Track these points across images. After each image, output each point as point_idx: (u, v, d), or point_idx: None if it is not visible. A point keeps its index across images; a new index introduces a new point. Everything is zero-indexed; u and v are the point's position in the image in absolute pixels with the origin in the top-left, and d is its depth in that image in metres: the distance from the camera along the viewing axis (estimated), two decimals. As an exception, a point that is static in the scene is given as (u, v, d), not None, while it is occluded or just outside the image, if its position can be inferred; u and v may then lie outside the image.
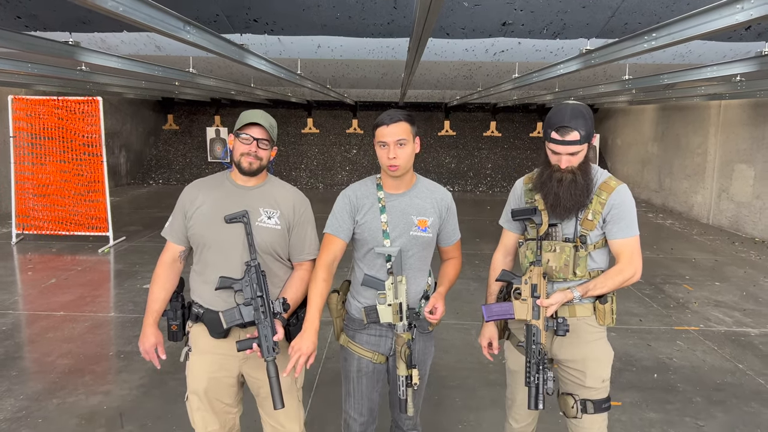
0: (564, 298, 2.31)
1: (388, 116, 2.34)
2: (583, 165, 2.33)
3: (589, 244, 2.35)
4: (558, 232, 2.39)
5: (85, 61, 5.00)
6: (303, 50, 5.62)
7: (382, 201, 2.42)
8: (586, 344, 2.42)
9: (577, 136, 2.25)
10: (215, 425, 2.45)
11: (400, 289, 2.35)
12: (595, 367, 2.41)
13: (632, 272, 2.33)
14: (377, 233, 2.38)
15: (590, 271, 2.38)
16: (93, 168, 8.45)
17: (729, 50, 5.30)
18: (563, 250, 2.34)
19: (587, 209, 2.35)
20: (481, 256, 8.25)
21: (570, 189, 2.30)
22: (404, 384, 2.35)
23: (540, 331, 2.30)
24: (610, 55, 4.06)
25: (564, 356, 2.45)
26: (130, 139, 15.22)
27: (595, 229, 2.35)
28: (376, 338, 2.49)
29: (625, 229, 2.34)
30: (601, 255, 2.41)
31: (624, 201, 2.35)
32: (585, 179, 2.32)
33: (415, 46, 3.72)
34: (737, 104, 10.37)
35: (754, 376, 4.51)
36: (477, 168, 16.23)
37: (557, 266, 2.35)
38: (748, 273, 7.63)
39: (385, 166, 2.36)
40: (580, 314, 2.40)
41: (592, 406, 2.41)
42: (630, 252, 2.34)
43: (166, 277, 2.45)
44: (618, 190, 2.36)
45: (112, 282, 6.81)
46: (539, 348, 2.29)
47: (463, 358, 4.69)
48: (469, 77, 8.28)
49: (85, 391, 4.08)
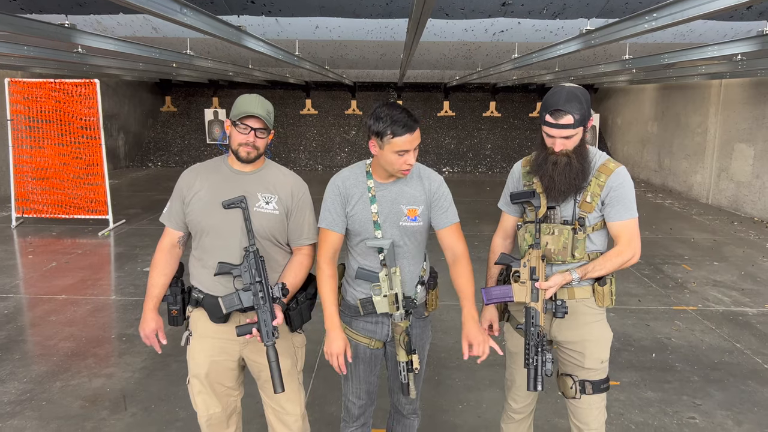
0: (563, 280, 2.32)
1: (404, 124, 2.20)
2: (578, 148, 2.32)
3: (587, 226, 2.36)
4: (556, 215, 2.39)
5: (81, 44, 4.96)
6: (301, 31, 5.58)
7: (372, 191, 2.36)
8: (585, 326, 2.44)
9: (570, 120, 2.24)
10: (217, 408, 2.47)
11: (395, 280, 2.33)
12: (593, 348, 2.44)
13: (631, 254, 2.34)
14: (368, 224, 2.35)
15: (589, 253, 2.39)
16: (91, 151, 8.42)
17: (730, 29, 5.27)
18: (562, 233, 2.35)
19: (586, 191, 2.35)
20: (481, 237, 8.26)
21: (565, 172, 2.30)
22: (405, 369, 2.37)
23: (539, 313, 2.31)
24: (610, 36, 4.03)
25: (563, 338, 2.47)
26: (128, 122, 15.16)
27: (594, 211, 2.35)
28: (373, 325, 2.48)
29: (624, 212, 2.34)
30: (600, 237, 2.42)
31: (623, 183, 2.34)
32: (580, 162, 2.31)
33: (414, 27, 3.70)
34: (738, 83, 10.32)
35: (751, 355, 4.55)
36: (476, 149, 16.19)
37: (556, 249, 2.36)
38: (747, 253, 7.65)
39: (398, 171, 2.28)
40: (579, 296, 2.42)
41: (591, 386, 2.44)
42: (629, 234, 2.35)
43: (166, 263, 2.45)
44: (617, 172, 2.35)
45: (113, 265, 6.83)
46: (538, 330, 2.30)
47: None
48: (469, 57, 8.23)
49: (88, 373, 4.12)
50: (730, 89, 10.57)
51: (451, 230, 2.44)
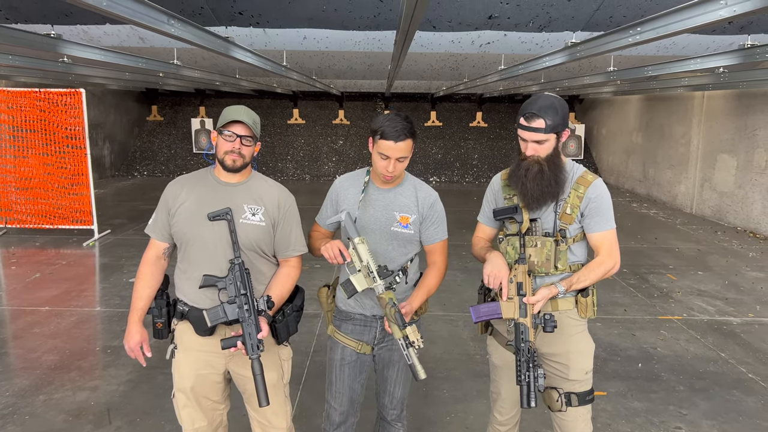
0: (549, 293, 2.34)
1: (395, 131, 2.31)
2: (552, 157, 2.35)
3: (568, 237, 2.39)
4: (538, 227, 2.42)
5: (67, 54, 4.93)
6: (289, 42, 5.59)
7: (365, 194, 2.48)
8: (569, 338, 2.45)
9: (542, 124, 2.29)
10: (203, 422, 2.45)
11: (361, 251, 2.32)
12: (577, 359, 2.45)
13: (612, 263, 2.39)
14: (350, 226, 2.41)
15: (570, 264, 2.42)
16: (76, 160, 8.35)
17: (712, 42, 5.35)
18: (544, 245, 2.37)
19: (566, 203, 2.39)
20: (467, 248, 8.25)
21: (536, 179, 2.33)
22: (405, 347, 2.24)
23: (528, 328, 2.31)
24: (596, 48, 4.08)
25: (547, 350, 2.47)
26: (114, 131, 15.06)
27: (574, 222, 2.39)
28: (361, 327, 2.53)
29: (603, 222, 2.38)
30: (580, 248, 2.46)
31: (601, 194, 2.39)
32: (553, 171, 2.34)
33: (402, 39, 3.72)
34: (720, 95, 10.47)
35: (735, 365, 4.59)
36: (463, 158, 16.25)
37: (539, 261, 2.38)
38: (731, 262, 7.73)
39: (380, 174, 2.41)
40: (562, 308, 2.43)
41: (576, 398, 2.44)
42: (609, 244, 2.39)
43: (151, 275, 2.43)
44: (595, 183, 2.40)
45: (98, 276, 6.76)
46: (528, 346, 2.30)
47: (450, 349, 4.73)
48: (456, 68, 8.28)
49: (72, 387, 4.07)
50: (712, 101, 10.72)
51: (437, 246, 2.57)
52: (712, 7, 2.65)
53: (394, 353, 2.57)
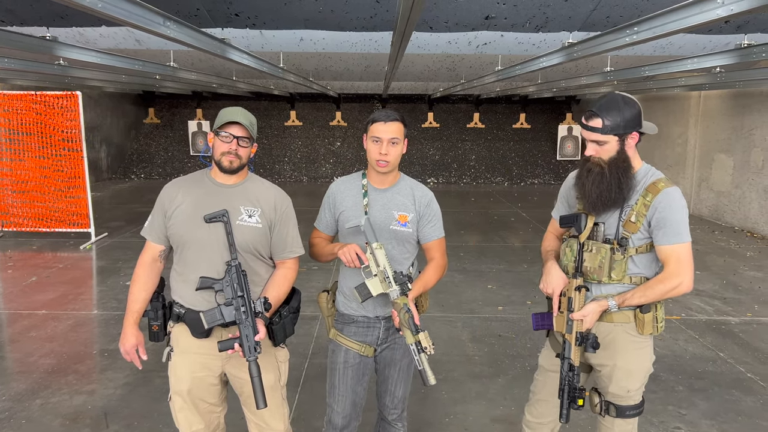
0: (599, 308, 2.26)
1: (385, 114, 2.45)
2: (616, 160, 2.24)
3: (630, 247, 2.26)
4: (599, 233, 2.32)
5: (63, 56, 4.92)
6: (285, 44, 5.58)
7: (366, 196, 2.50)
8: (620, 353, 2.34)
9: (599, 123, 2.20)
10: (200, 425, 2.43)
11: (379, 256, 2.35)
12: (621, 376, 2.35)
13: (677, 282, 2.20)
14: (369, 231, 2.42)
15: (631, 276, 2.29)
16: (73, 163, 8.32)
17: (708, 42, 5.36)
18: (599, 251, 2.27)
19: (631, 210, 2.26)
20: (466, 248, 8.29)
21: (596, 182, 2.24)
22: (416, 352, 2.25)
23: (570, 345, 2.27)
24: (592, 49, 4.08)
25: (595, 360, 2.41)
26: (111, 133, 15.03)
27: (639, 232, 2.25)
28: (364, 329, 2.53)
29: (671, 235, 2.21)
30: (646, 260, 2.30)
31: (671, 205, 2.22)
32: (617, 175, 2.23)
33: (399, 40, 3.71)
34: (717, 95, 10.48)
35: (734, 364, 4.58)
36: (461, 159, 16.25)
37: (592, 267, 2.29)
38: (728, 262, 7.74)
39: (375, 161, 2.44)
40: (617, 320, 2.32)
41: (615, 410, 2.38)
42: (676, 260, 2.21)
43: (147, 277, 2.42)
44: (665, 192, 2.24)
45: (95, 279, 6.74)
46: (569, 362, 2.27)
47: (449, 351, 4.71)
48: (453, 69, 8.28)
49: (69, 390, 4.04)
50: (709, 101, 10.74)
51: (435, 243, 2.59)
52: (709, 6, 2.64)
53: (396, 352, 2.58)
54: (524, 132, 16.41)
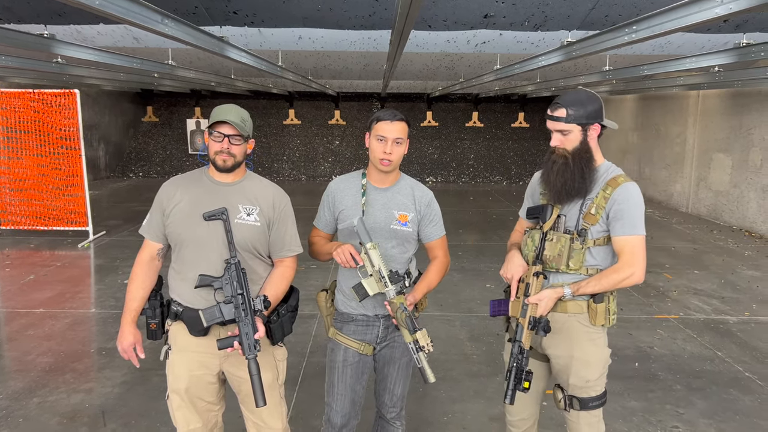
0: (554, 294, 2.31)
1: (391, 114, 2.46)
2: (579, 152, 2.32)
3: (588, 238, 2.33)
4: (561, 224, 2.39)
5: (61, 54, 4.90)
6: (284, 42, 5.57)
7: (364, 195, 2.50)
8: (575, 343, 2.39)
9: (563, 113, 2.28)
10: (197, 423, 2.43)
11: (374, 256, 2.35)
12: (579, 367, 2.39)
13: (630, 272, 2.26)
14: (363, 231, 2.42)
15: (588, 267, 2.35)
16: (71, 162, 8.31)
17: (707, 41, 5.35)
18: (559, 240, 2.34)
19: (592, 203, 2.33)
20: (464, 247, 8.29)
21: (560, 172, 2.32)
22: (415, 350, 2.28)
23: (523, 329, 2.30)
24: (591, 48, 4.07)
25: (552, 351, 2.45)
26: (109, 132, 15.00)
27: (597, 224, 2.32)
28: (363, 327, 2.54)
29: (628, 227, 2.28)
30: (603, 253, 2.37)
31: (629, 198, 2.29)
32: (579, 164, 2.31)
33: (397, 38, 3.70)
34: (715, 94, 10.49)
35: (732, 363, 4.59)
36: (459, 158, 16.25)
37: (551, 255, 2.35)
38: (726, 261, 7.74)
39: (378, 160, 2.44)
40: (571, 311, 2.38)
41: (578, 403, 2.41)
42: (630, 251, 2.28)
43: (145, 275, 2.42)
44: (624, 186, 2.31)
45: (93, 277, 6.73)
46: (519, 345, 2.30)
47: (447, 350, 4.71)
48: (451, 68, 8.27)
49: (67, 389, 4.04)
50: (707, 100, 10.74)
51: (438, 242, 2.61)
52: (708, 5, 2.64)
53: (395, 351, 2.58)
54: (523, 131, 16.40)
